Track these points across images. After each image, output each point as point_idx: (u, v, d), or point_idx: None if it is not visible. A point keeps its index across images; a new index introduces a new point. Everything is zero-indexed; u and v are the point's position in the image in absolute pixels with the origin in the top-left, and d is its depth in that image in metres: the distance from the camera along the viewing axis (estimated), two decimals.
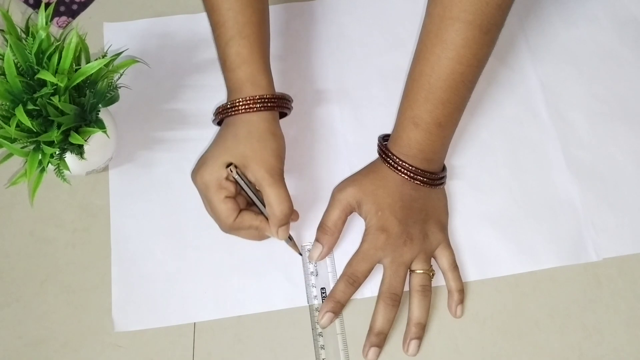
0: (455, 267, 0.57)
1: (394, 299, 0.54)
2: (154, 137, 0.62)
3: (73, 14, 0.68)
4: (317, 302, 0.56)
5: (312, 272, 0.58)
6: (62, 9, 0.68)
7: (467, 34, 0.52)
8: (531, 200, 0.61)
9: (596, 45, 0.68)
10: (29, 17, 0.53)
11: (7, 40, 0.49)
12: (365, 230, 0.56)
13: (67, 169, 0.52)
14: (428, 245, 0.56)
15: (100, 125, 0.53)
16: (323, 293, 0.57)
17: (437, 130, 0.55)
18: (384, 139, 0.59)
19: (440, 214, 0.58)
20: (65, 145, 0.52)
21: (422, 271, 0.55)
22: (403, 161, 0.56)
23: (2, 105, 0.49)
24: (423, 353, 0.55)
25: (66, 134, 0.51)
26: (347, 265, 0.56)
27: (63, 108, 0.49)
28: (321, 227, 0.57)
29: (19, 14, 0.67)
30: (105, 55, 0.52)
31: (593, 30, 0.69)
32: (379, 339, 0.54)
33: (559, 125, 0.64)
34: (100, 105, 0.54)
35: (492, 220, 0.60)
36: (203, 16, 0.68)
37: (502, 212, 0.61)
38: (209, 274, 0.58)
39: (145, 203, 0.60)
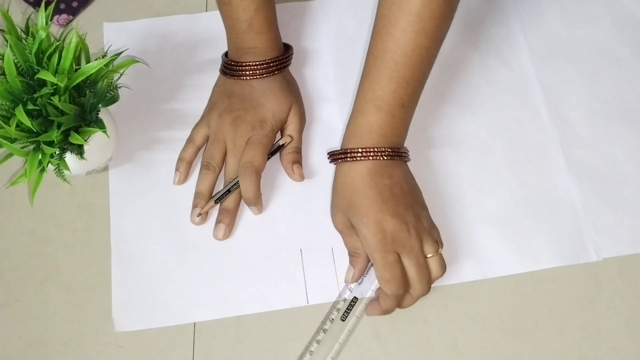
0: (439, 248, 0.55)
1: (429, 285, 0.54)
2: (154, 137, 0.62)
3: (74, 12, 0.68)
4: (342, 305, 0.56)
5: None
6: (62, 6, 0.68)
7: (433, 5, 0.50)
8: (531, 200, 0.61)
9: (596, 45, 0.68)
10: (29, 17, 0.53)
11: (7, 40, 0.49)
12: (365, 243, 0.53)
13: (67, 169, 0.52)
14: (424, 226, 0.53)
15: (100, 125, 0.53)
16: (353, 302, 0.56)
17: (401, 111, 0.53)
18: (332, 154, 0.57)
19: (418, 193, 0.56)
20: (65, 145, 0.52)
21: (432, 254, 0.53)
22: (365, 148, 0.53)
23: (2, 105, 0.49)
24: (423, 353, 0.55)
25: (66, 134, 0.51)
26: (379, 282, 0.53)
27: (63, 108, 0.49)
28: (350, 254, 0.57)
29: (19, 14, 0.67)
30: (105, 55, 0.52)
31: (593, 30, 0.69)
32: None
33: (559, 125, 0.64)
34: (100, 105, 0.54)
35: (492, 220, 0.60)
36: (203, 16, 0.68)
37: (502, 212, 0.61)
38: (209, 274, 0.58)
39: (145, 203, 0.60)
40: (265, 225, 0.59)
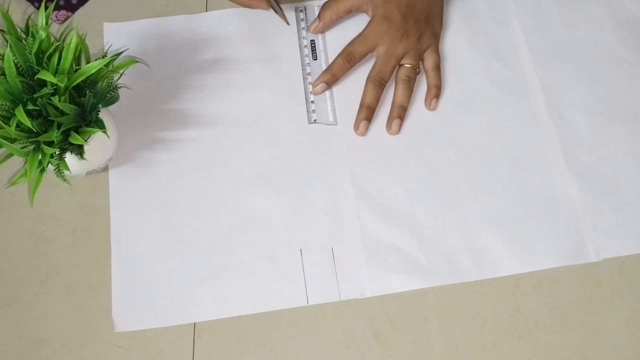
0: (438, 68, 0.64)
1: (381, 82, 0.63)
2: (154, 137, 0.62)
3: (72, 8, 0.68)
4: (309, 69, 0.65)
5: (305, 46, 0.66)
6: (61, 2, 0.68)
7: None
8: (531, 200, 0.61)
9: (596, 45, 0.68)
10: (29, 17, 0.53)
11: (7, 40, 0.49)
12: (371, 18, 0.64)
13: (67, 169, 0.52)
14: (420, 45, 0.63)
15: (100, 125, 0.53)
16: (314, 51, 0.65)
17: None
18: None
19: (437, 23, 0.65)
20: (65, 145, 0.52)
21: (409, 65, 0.63)
22: None
23: (2, 105, 0.49)
24: (423, 353, 0.55)
25: (66, 134, 0.51)
26: (347, 45, 0.64)
27: (63, 108, 0.49)
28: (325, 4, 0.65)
29: (19, 14, 0.67)
30: (105, 55, 0.52)
31: (593, 30, 0.69)
32: (368, 112, 0.62)
33: (559, 126, 0.64)
34: (100, 105, 0.54)
35: (492, 220, 0.60)
36: (203, 16, 0.68)
37: (502, 212, 0.61)
38: (209, 274, 0.58)
39: (145, 203, 0.60)
40: (265, 225, 0.59)
